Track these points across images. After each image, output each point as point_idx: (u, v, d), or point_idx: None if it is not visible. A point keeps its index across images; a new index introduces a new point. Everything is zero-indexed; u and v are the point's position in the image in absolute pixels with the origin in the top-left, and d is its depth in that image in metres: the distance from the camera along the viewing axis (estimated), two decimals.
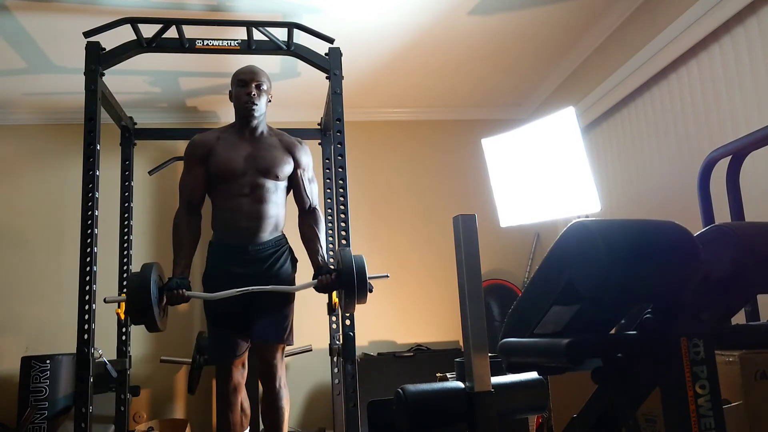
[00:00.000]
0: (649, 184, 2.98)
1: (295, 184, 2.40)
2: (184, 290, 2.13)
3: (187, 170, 2.34)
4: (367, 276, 2.17)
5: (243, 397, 2.36)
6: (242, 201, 2.26)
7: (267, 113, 2.42)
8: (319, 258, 2.30)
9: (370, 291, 2.20)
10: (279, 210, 2.34)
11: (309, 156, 2.44)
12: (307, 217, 2.40)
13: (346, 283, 2.15)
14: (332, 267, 2.31)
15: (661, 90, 2.86)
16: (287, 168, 2.34)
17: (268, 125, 2.43)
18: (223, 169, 2.27)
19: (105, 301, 2.28)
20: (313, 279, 2.25)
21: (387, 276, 2.33)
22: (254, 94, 2.30)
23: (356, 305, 2.21)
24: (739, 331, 1.18)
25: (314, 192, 2.44)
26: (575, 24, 3.21)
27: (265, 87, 2.35)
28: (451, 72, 3.74)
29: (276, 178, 2.31)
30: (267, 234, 2.30)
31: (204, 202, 2.36)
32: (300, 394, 3.84)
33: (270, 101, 2.41)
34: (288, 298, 2.31)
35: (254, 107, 2.30)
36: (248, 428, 2.42)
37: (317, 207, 2.44)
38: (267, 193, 2.29)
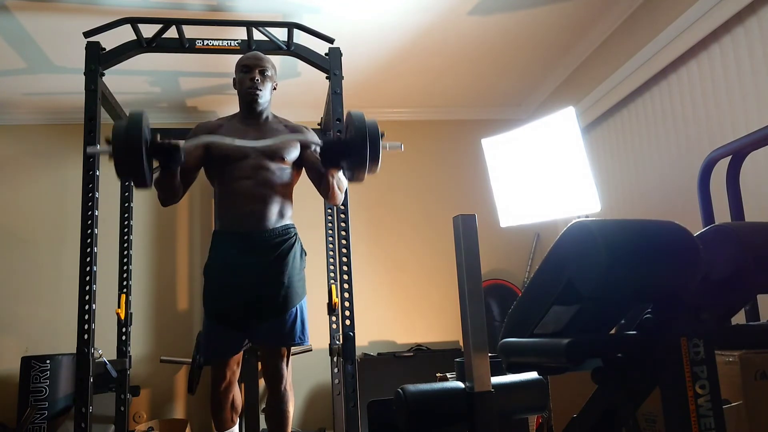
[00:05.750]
0: (649, 184, 2.98)
1: (308, 161, 2.28)
2: (176, 141, 1.91)
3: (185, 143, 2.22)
4: (380, 141, 1.93)
5: (235, 392, 2.33)
6: (246, 184, 2.17)
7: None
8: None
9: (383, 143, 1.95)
10: (285, 196, 2.24)
11: (316, 139, 2.33)
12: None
13: (356, 141, 1.90)
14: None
15: (661, 90, 2.86)
16: (293, 151, 2.25)
17: (273, 113, 2.35)
18: (226, 150, 2.17)
19: (87, 151, 2.11)
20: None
21: (401, 146, 2.04)
22: (258, 80, 2.22)
23: (366, 174, 1.96)
24: (739, 331, 1.18)
25: None
26: (575, 24, 3.21)
27: (269, 73, 2.27)
28: (451, 72, 3.75)
29: (282, 161, 2.21)
30: (273, 220, 2.19)
31: (191, 184, 2.23)
32: (300, 394, 3.84)
33: (275, 89, 2.34)
34: (295, 298, 2.21)
35: (258, 93, 2.22)
36: (236, 424, 2.39)
37: None
38: (272, 177, 2.19)
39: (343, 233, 2.68)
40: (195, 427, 3.72)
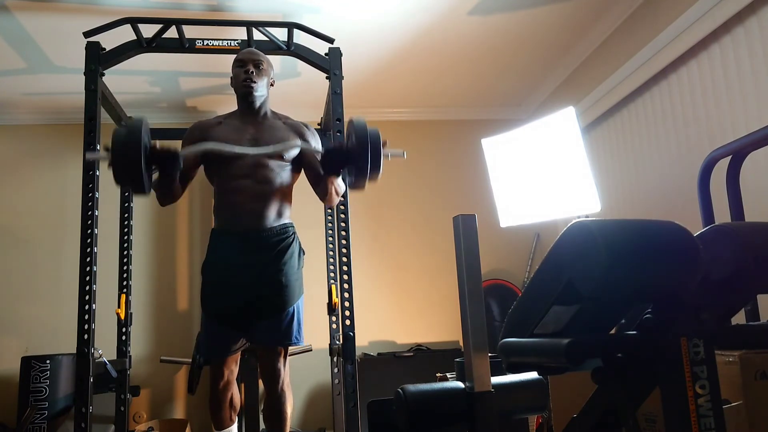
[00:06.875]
0: (649, 184, 2.98)
1: (306, 162, 2.27)
2: (173, 148, 1.95)
3: (182, 150, 2.21)
4: (382, 150, 1.96)
5: (233, 391, 2.33)
6: (244, 182, 2.16)
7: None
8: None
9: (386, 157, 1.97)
10: (284, 194, 2.24)
11: (316, 136, 2.33)
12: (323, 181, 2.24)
13: (358, 151, 1.94)
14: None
15: (661, 90, 2.86)
16: (293, 149, 2.24)
17: (272, 110, 2.34)
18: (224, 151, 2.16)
19: (86, 157, 2.08)
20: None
21: (404, 154, 2.06)
22: (252, 72, 2.21)
23: (367, 182, 2.00)
24: (739, 331, 1.18)
25: None
26: (575, 24, 3.21)
27: (264, 67, 2.26)
28: (451, 72, 3.74)
29: (280, 158, 2.21)
30: (272, 219, 2.18)
31: (189, 182, 2.23)
32: (300, 394, 3.84)
33: (272, 85, 2.33)
34: (292, 297, 2.20)
35: (253, 85, 2.21)
36: (235, 422, 2.39)
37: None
38: (271, 174, 2.19)
39: (343, 233, 2.68)
40: (195, 427, 3.72)
